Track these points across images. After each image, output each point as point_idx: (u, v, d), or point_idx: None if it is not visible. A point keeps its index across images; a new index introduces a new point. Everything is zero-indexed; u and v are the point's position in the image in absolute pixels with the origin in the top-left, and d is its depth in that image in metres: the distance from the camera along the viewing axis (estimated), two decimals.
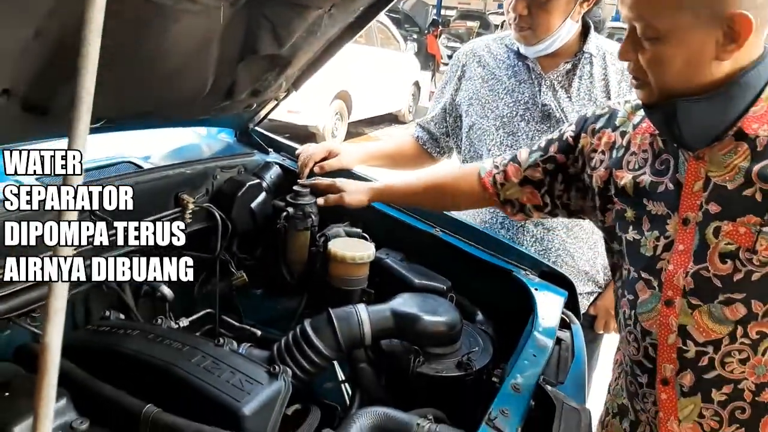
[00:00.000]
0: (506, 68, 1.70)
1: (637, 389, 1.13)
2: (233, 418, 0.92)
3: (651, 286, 1.05)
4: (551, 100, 1.63)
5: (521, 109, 1.66)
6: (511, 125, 1.66)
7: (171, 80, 1.05)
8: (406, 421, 1.03)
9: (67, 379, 0.98)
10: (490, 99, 1.70)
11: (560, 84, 1.64)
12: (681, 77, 0.93)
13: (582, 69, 1.64)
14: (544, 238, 1.68)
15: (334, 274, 1.40)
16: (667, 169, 1.05)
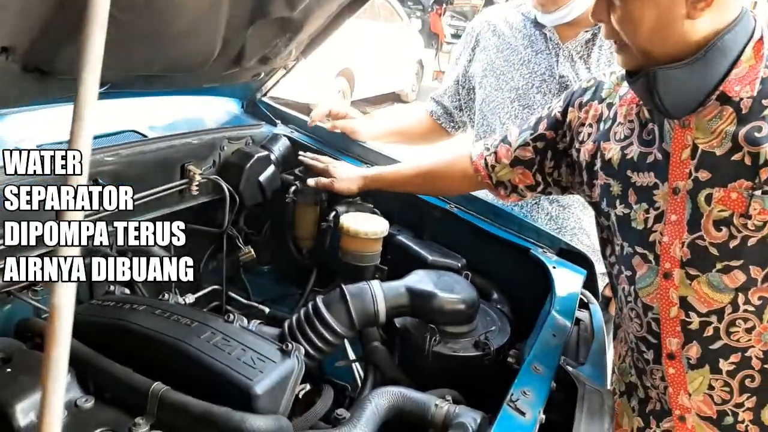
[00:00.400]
0: (522, 38, 1.64)
1: (644, 366, 1.11)
2: (245, 397, 0.88)
3: (647, 260, 1.04)
4: (569, 71, 1.57)
5: (537, 80, 1.60)
6: (526, 97, 1.60)
7: (180, 41, 0.99)
8: (424, 401, 0.99)
9: (71, 356, 0.94)
10: (505, 70, 1.64)
11: (579, 54, 1.57)
12: (655, 37, 0.92)
13: (602, 38, 1.57)
14: (559, 216, 1.63)
15: (346, 250, 1.35)
16: (654, 140, 1.03)
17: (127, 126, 1.36)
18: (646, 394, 1.15)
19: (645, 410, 1.15)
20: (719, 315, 0.97)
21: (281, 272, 1.71)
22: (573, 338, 1.25)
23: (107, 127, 1.32)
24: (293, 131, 1.74)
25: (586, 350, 1.23)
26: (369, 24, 8.66)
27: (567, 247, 1.47)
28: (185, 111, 1.60)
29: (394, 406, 0.99)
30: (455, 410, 0.97)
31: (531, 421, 0.94)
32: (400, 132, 1.90)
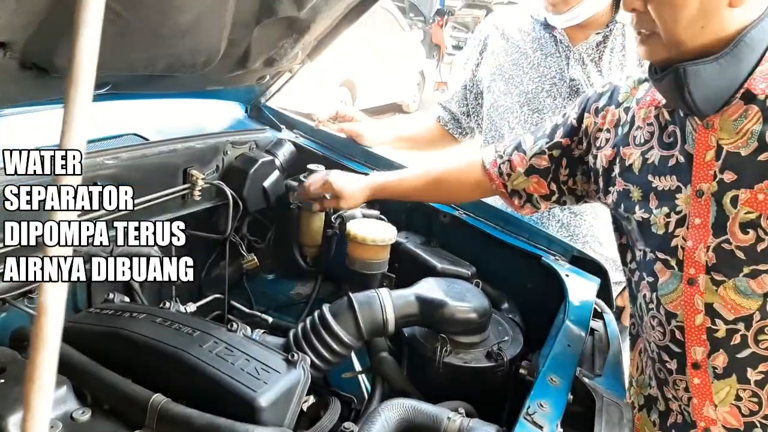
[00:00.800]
0: (531, 41, 1.61)
1: (666, 376, 1.07)
2: (249, 408, 0.85)
3: (669, 265, 1.00)
4: (580, 74, 1.53)
5: (547, 84, 1.56)
6: (536, 101, 1.57)
7: (183, 38, 0.96)
8: (435, 414, 0.95)
9: (67, 365, 0.92)
10: (514, 74, 1.61)
11: (590, 57, 1.54)
12: (693, 26, 0.88)
13: (614, 41, 1.55)
14: (570, 224, 1.59)
15: (352, 257, 1.32)
16: (676, 142, 1.00)
17: (129, 129, 1.33)
18: (667, 406, 1.10)
19: (666, 424, 1.11)
20: (747, 322, 0.93)
21: (285, 281, 1.67)
22: (588, 349, 1.22)
23: (108, 130, 1.29)
24: (298, 136, 1.71)
25: (602, 361, 1.19)
26: (371, 35, 8.68)
27: (580, 254, 1.43)
28: (188, 114, 1.57)
29: (404, 419, 0.94)
30: (469, 424, 0.93)
31: None
32: (407, 138, 1.87)
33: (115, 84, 1.09)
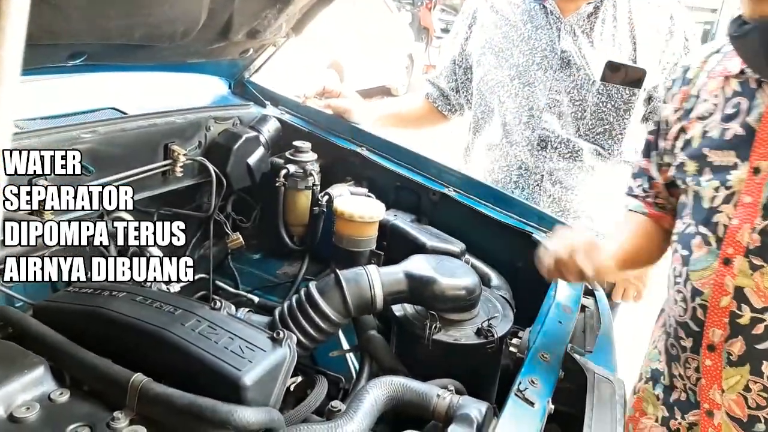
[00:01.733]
0: (521, 13, 1.57)
1: (678, 353, 1.05)
2: (233, 388, 0.82)
3: (707, 242, 0.96)
4: (571, 45, 1.51)
5: (538, 56, 1.53)
6: (527, 75, 1.54)
7: (162, 6, 0.92)
8: (425, 392, 0.93)
9: (44, 345, 0.89)
10: (504, 47, 1.58)
11: (581, 28, 1.51)
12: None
13: (605, 12, 1.52)
14: (562, 198, 1.57)
15: (340, 234, 1.29)
16: (738, 113, 0.95)
17: (107, 103, 1.28)
18: (671, 382, 1.09)
19: (670, 399, 1.10)
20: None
21: (272, 260, 1.64)
22: (579, 326, 1.20)
23: (84, 104, 1.24)
24: (283, 112, 1.67)
25: (593, 338, 1.18)
26: (358, 17, 8.59)
27: None
28: (168, 89, 1.53)
29: (393, 397, 0.92)
30: (459, 401, 0.91)
31: (540, 410, 0.89)
32: (395, 115, 1.84)
33: (91, 54, 1.05)
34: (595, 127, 1.53)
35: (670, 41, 1.52)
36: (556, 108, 1.53)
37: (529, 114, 1.54)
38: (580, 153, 1.54)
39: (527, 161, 1.56)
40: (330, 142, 1.60)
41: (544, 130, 1.53)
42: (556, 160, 1.54)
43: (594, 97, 1.51)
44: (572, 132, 1.54)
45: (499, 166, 1.61)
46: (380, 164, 1.54)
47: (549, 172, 1.55)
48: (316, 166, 1.54)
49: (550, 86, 1.52)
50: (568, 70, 1.51)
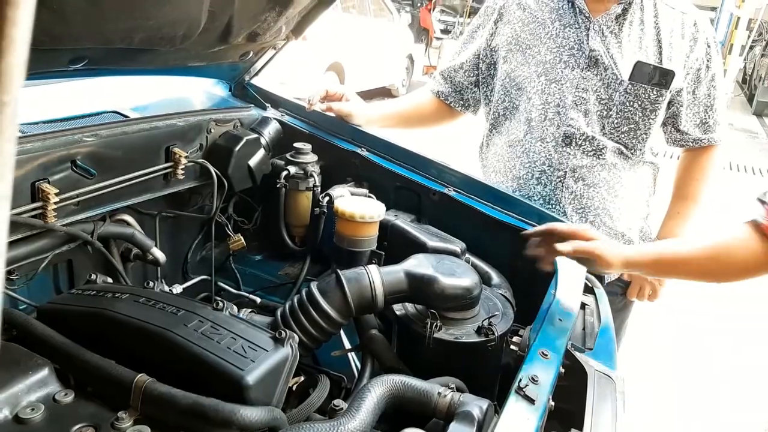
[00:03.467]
0: (549, 11, 1.58)
1: None
2: (235, 387, 0.83)
3: None
4: (599, 45, 1.51)
5: (565, 55, 1.54)
6: (553, 72, 1.55)
7: (161, 9, 0.93)
8: (426, 389, 0.94)
9: (49, 347, 0.90)
10: (532, 44, 1.58)
11: (609, 29, 1.52)
12: None
13: (633, 14, 1.53)
14: (583, 196, 1.57)
15: (341, 234, 1.30)
16: None
17: (108, 106, 1.29)
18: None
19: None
20: None
21: (274, 261, 1.65)
22: (579, 323, 1.21)
23: (86, 107, 1.25)
24: (284, 114, 1.68)
25: (594, 335, 1.18)
26: (358, 19, 8.60)
27: None
28: (170, 92, 1.54)
29: (394, 395, 0.93)
30: (460, 398, 0.92)
31: (540, 408, 0.89)
32: (399, 115, 1.83)
33: (92, 59, 1.06)
34: (621, 125, 1.54)
35: (695, 47, 1.54)
36: (583, 106, 1.53)
37: (555, 111, 1.55)
38: (604, 151, 1.54)
39: (551, 157, 1.56)
40: (330, 144, 1.61)
41: (569, 127, 1.54)
42: (580, 157, 1.55)
43: (621, 96, 1.52)
44: (597, 130, 1.54)
45: (521, 162, 1.61)
46: (380, 165, 1.55)
47: (572, 169, 1.56)
48: (316, 167, 1.55)
49: (577, 84, 1.53)
50: (596, 69, 1.52)
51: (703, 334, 3.73)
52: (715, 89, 1.59)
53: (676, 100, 1.57)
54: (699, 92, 1.58)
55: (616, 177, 1.57)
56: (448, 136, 4.67)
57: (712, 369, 3.31)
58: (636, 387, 2.86)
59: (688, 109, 1.59)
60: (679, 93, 1.56)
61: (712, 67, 1.56)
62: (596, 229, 1.52)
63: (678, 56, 1.53)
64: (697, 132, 1.62)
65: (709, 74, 1.56)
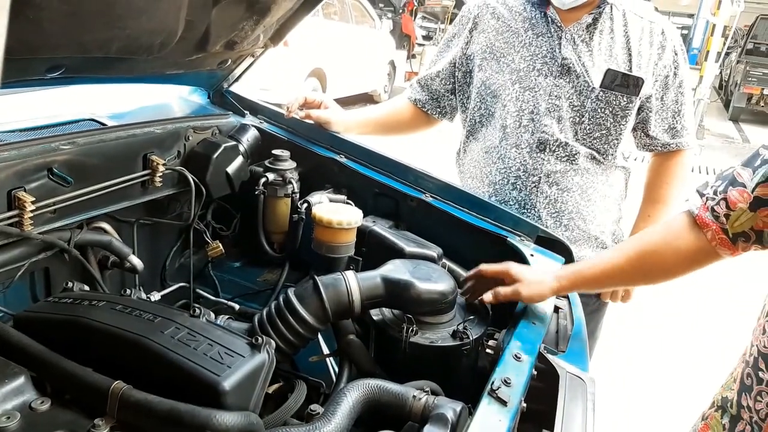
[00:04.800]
0: (523, 20, 1.62)
1: (753, 384, 1.02)
2: (212, 393, 0.83)
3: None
4: (572, 53, 1.56)
5: (538, 63, 1.58)
6: (527, 80, 1.58)
7: (138, 18, 0.94)
8: (401, 393, 0.96)
9: (25, 355, 0.90)
10: (506, 52, 1.62)
11: (581, 38, 1.57)
12: None
13: (603, 23, 1.57)
14: (558, 200, 1.61)
15: (319, 241, 1.31)
16: None
17: (86, 114, 1.29)
18: (738, 412, 1.06)
19: (734, 430, 1.07)
20: None
21: (252, 268, 1.65)
22: (552, 327, 1.23)
23: (63, 115, 1.25)
24: (262, 121, 1.69)
25: (566, 338, 1.21)
26: (340, 25, 8.63)
27: (545, 234, 1.45)
28: (147, 99, 1.54)
29: (370, 399, 0.94)
30: (434, 401, 0.94)
31: (512, 409, 0.91)
32: (377, 122, 1.85)
33: (69, 67, 1.06)
34: (593, 131, 1.58)
35: (663, 55, 1.58)
36: (556, 112, 1.57)
37: (529, 117, 1.58)
38: (577, 156, 1.58)
39: (526, 163, 1.59)
40: (309, 150, 1.62)
41: (543, 133, 1.57)
42: (554, 163, 1.58)
43: (593, 103, 1.56)
44: (570, 136, 1.58)
45: (497, 168, 1.64)
46: (359, 172, 1.57)
47: (546, 174, 1.59)
48: (295, 174, 1.56)
49: (550, 91, 1.56)
50: (568, 76, 1.55)
51: (677, 333, 3.80)
52: (683, 95, 1.63)
53: (645, 106, 1.62)
54: (667, 98, 1.62)
55: (588, 181, 1.61)
56: (426, 142, 4.71)
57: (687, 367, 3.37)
58: (610, 388, 2.91)
59: (657, 115, 1.64)
60: (649, 99, 1.60)
61: (680, 74, 1.61)
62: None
63: (647, 64, 1.57)
64: (665, 137, 1.67)
65: (676, 81, 1.61)
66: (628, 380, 3.19)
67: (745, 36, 13.53)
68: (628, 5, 1.61)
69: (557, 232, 1.53)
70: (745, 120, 12.48)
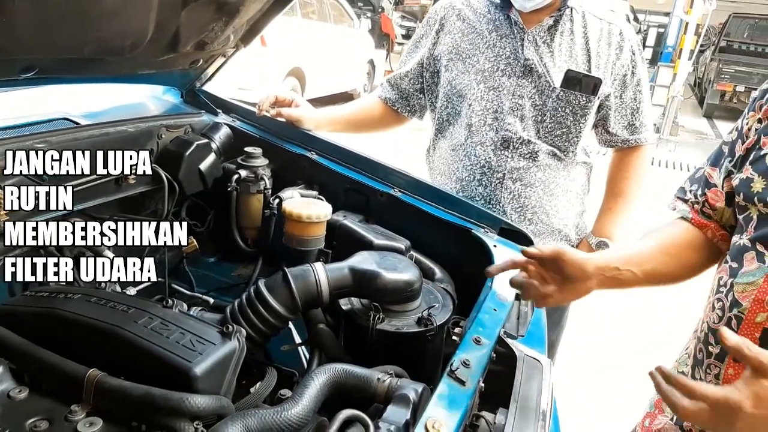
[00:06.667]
0: (487, 22, 1.68)
1: (704, 358, 1.06)
2: (184, 378, 0.87)
3: (762, 259, 0.97)
4: (533, 54, 1.61)
5: (502, 63, 1.64)
6: (492, 80, 1.64)
7: (109, 21, 0.97)
8: (366, 376, 1.00)
9: (3, 347, 0.93)
10: (471, 53, 1.67)
11: (542, 39, 1.63)
12: None
13: (563, 25, 1.64)
14: (521, 195, 1.67)
15: (289, 235, 1.35)
16: None
17: (59, 113, 1.32)
18: None
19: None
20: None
21: (227, 263, 1.69)
22: (514, 313, 1.28)
23: (37, 114, 1.28)
24: (235, 120, 1.73)
25: (527, 324, 1.26)
26: (319, 25, 8.64)
27: (507, 226, 1.51)
28: (120, 99, 1.57)
29: (336, 382, 0.99)
30: (397, 383, 0.98)
31: (470, 389, 0.96)
32: (348, 119, 1.90)
33: (42, 68, 1.09)
34: (554, 129, 1.64)
35: (621, 55, 1.65)
36: (519, 111, 1.63)
37: (493, 116, 1.64)
38: (539, 153, 1.64)
39: (490, 160, 1.65)
40: (281, 148, 1.66)
41: (507, 131, 1.63)
42: (517, 160, 1.64)
43: (554, 102, 1.62)
44: (533, 134, 1.64)
45: (464, 165, 1.70)
46: (330, 168, 1.61)
47: (510, 171, 1.65)
48: (267, 170, 1.59)
49: (514, 91, 1.62)
50: (530, 77, 1.61)
51: (633, 311, 3.89)
52: (641, 93, 1.70)
53: (604, 104, 1.68)
54: (626, 96, 1.69)
55: (551, 177, 1.67)
56: (399, 141, 4.75)
57: (643, 345, 3.46)
58: (575, 373, 2.98)
59: (616, 113, 1.71)
60: (608, 98, 1.67)
61: (638, 73, 1.68)
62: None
63: (605, 64, 1.64)
64: (625, 133, 1.74)
65: (634, 79, 1.68)
66: (589, 364, 3.27)
67: (718, 34, 13.79)
68: (587, 7, 1.67)
69: (521, 226, 1.58)
70: (719, 116, 12.70)
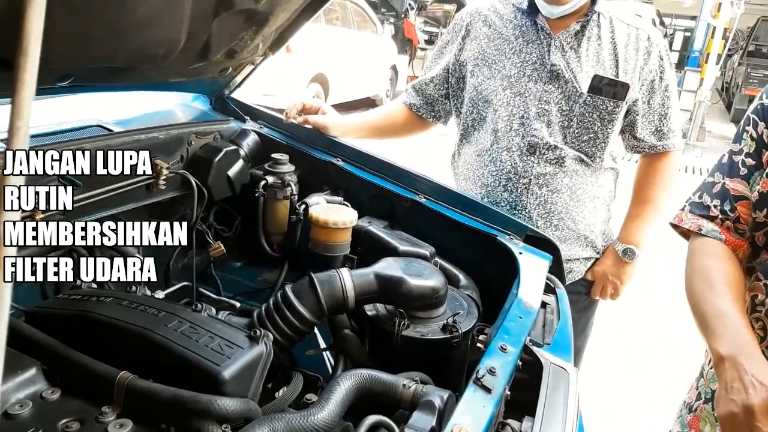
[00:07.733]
0: (513, 28, 1.68)
1: None
2: (213, 382, 0.89)
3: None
4: (560, 59, 1.61)
5: (529, 69, 1.63)
6: (518, 85, 1.64)
7: (143, 30, 1.00)
8: (391, 382, 1.01)
9: (36, 348, 0.95)
10: (497, 59, 1.68)
11: (569, 45, 1.62)
12: None
13: (590, 30, 1.63)
14: (547, 201, 1.66)
15: (315, 240, 1.36)
16: None
17: (92, 120, 1.35)
18: None
19: None
20: None
21: (253, 268, 1.71)
22: (540, 321, 1.28)
23: (71, 122, 1.31)
24: (262, 127, 1.75)
25: (552, 332, 1.25)
26: (342, 31, 8.70)
27: (533, 233, 1.50)
28: (152, 106, 1.60)
29: (362, 387, 0.99)
30: (422, 389, 0.99)
31: (496, 397, 0.95)
32: (373, 126, 1.91)
33: (78, 77, 1.12)
34: (581, 135, 1.63)
35: (648, 60, 1.64)
36: (545, 117, 1.62)
37: (519, 122, 1.64)
38: (565, 159, 1.63)
39: (516, 166, 1.65)
40: (307, 154, 1.68)
41: (533, 137, 1.62)
42: (543, 165, 1.63)
43: (581, 107, 1.61)
44: (559, 140, 1.63)
45: (489, 170, 1.70)
46: (355, 174, 1.62)
47: (536, 177, 1.64)
48: (293, 176, 1.61)
49: (540, 96, 1.62)
50: (557, 82, 1.61)
51: (658, 325, 3.83)
52: (669, 99, 1.69)
53: (632, 109, 1.67)
54: (653, 102, 1.67)
55: (577, 183, 1.66)
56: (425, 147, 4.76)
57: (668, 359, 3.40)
58: (600, 381, 2.95)
59: (644, 118, 1.69)
60: (635, 103, 1.66)
61: (666, 78, 1.66)
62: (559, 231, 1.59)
63: (633, 69, 1.62)
64: (652, 139, 1.72)
65: (662, 85, 1.66)
66: (613, 372, 3.23)
67: (746, 38, 13.56)
68: (615, 13, 1.66)
69: (547, 232, 1.58)
70: None
